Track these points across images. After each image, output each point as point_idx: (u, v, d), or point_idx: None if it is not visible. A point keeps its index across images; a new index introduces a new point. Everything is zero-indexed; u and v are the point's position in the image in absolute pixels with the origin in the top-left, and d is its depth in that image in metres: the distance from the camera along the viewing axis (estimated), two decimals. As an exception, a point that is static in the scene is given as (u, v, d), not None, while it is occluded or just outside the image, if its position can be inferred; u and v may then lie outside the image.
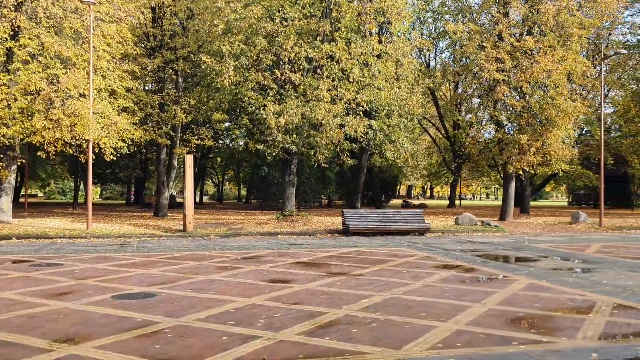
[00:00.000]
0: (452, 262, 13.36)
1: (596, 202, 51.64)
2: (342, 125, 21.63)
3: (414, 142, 27.20)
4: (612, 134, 42.02)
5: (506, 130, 25.86)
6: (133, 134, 22.71)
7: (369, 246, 16.81)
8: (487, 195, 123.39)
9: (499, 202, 79.35)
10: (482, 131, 29.83)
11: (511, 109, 25.16)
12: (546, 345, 6.36)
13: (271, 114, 20.74)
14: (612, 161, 39.48)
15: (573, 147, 26.29)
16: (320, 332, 6.74)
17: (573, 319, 7.63)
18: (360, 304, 8.44)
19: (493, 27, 25.97)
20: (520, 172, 26.21)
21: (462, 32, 25.19)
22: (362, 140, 22.77)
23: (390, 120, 23.15)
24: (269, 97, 21.65)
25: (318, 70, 21.66)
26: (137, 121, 23.79)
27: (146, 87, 29.52)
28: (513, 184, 27.80)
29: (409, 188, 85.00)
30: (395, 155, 24.44)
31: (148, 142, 27.83)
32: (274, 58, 22.19)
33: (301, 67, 21.67)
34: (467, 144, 33.46)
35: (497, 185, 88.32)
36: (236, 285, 9.93)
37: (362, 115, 22.11)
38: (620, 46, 33.09)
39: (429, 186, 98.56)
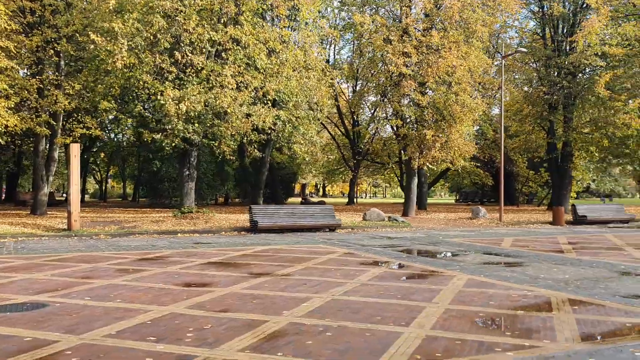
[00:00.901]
0: (377, 258, 12.48)
1: (482, 199, 53.97)
2: (248, 115, 20.19)
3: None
4: (498, 134, 43.79)
5: (410, 126, 25.68)
6: (7, 121, 19.86)
7: (284, 243, 15.58)
8: (375, 194, 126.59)
9: (391, 200, 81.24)
10: (386, 127, 29.55)
11: (416, 104, 24.99)
12: (534, 350, 5.50)
13: (170, 100, 18.87)
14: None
15: (476, 143, 26.74)
16: (268, 347, 5.44)
17: (540, 318, 6.89)
18: (302, 308, 7.21)
19: (399, 21, 25.72)
20: (425, 168, 26.20)
21: (369, 24, 24.65)
22: (269, 132, 21.47)
23: (297, 112, 22.03)
24: (167, 82, 19.72)
25: (223, 54, 20.04)
26: (11, 107, 20.87)
27: (22, 70, 26.28)
28: (416, 180, 27.78)
29: (303, 186, 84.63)
30: (304, 148, 23.38)
31: (24, 131, 24.62)
32: (172, 40, 20.29)
33: (204, 50, 19.95)
34: (367, 140, 33.17)
35: (386, 184, 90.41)
36: (145, 290, 8.31)
37: (270, 105, 20.82)
38: (510, 49, 34.26)
39: (321, 184, 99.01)
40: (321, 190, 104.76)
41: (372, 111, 37.70)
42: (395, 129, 28.30)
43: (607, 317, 6.94)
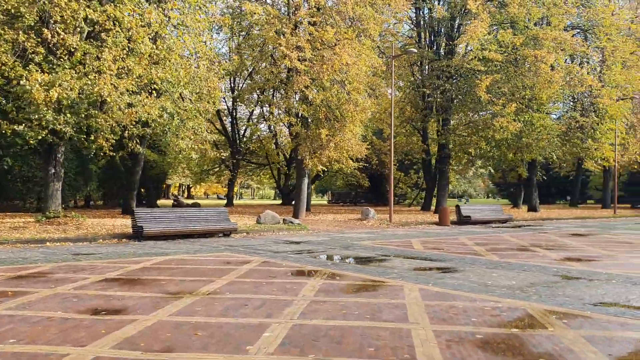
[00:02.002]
0: (302, 267, 11.13)
1: (354, 200, 54.52)
2: (130, 105, 17.75)
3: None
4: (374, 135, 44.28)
5: (303, 125, 24.49)
6: None
7: (183, 252, 13.63)
8: (241, 195, 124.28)
9: (259, 201, 79.73)
10: (278, 125, 28.13)
11: (309, 102, 23.92)
12: (589, 385, 4.53)
13: (37, 86, 15.98)
14: (376, 161, 41.55)
15: (368, 144, 26.36)
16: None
17: (543, 337, 6.01)
18: (266, 340, 5.70)
19: (292, 13, 24.51)
20: (319, 168, 25.23)
21: (259, 14, 23.15)
22: (154, 125, 19.13)
23: (185, 104, 19.83)
24: (32, 65, 16.74)
25: (103, 35, 17.41)
26: None
27: None
28: (306, 181, 26.74)
29: (168, 187, 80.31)
30: (191, 144, 21.21)
31: None
32: (37, 18, 17.31)
33: (79, 29, 17.23)
34: (249, 139, 31.54)
35: (257, 185, 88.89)
36: (44, 323, 6.26)
37: (156, 94, 18.52)
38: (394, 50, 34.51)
39: (186, 186, 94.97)
40: (186, 191, 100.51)
41: (253, 109, 36.22)
42: (269, 128, 26.94)
43: (609, 332, 6.24)
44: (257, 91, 28.92)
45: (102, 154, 19.84)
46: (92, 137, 18.24)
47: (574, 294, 8.49)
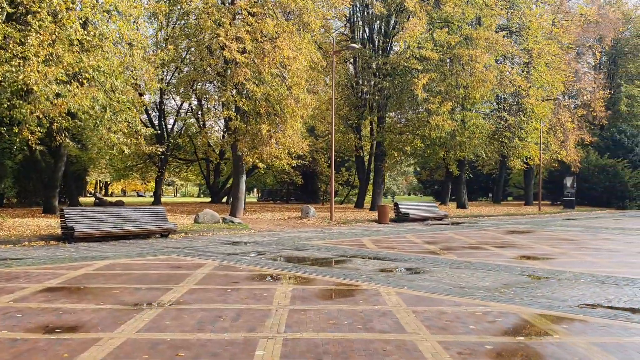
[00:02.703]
0: (262, 271, 10.41)
1: (285, 198, 53.79)
2: (59, 95, 16.20)
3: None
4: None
5: (241, 120, 23.44)
6: None
7: (124, 256, 12.48)
8: (162, 192, 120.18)
9: (181, 199, 77.37)
10: (210, 120, 26.94)
11: (248, 96, 22.98)
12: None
13: (-48, 71, 14.26)
14: (310, 158, 41.07)
15: (309, 140, 25.80)
16: None
17: (556, 345, 5.70)
18: (260, 359, 5.00)
19: (231, 3, 23.49)
20: (260, 165, 24.33)
21: (197, 2, 21.97)
22: (84, 118, 17.59)
23: (117, 95, 18.36)
24: (-55, 48, 14.94)
25: (30, 17, 15.77)
26: None
27: None
28: (244, 178, 25.78)
29: (85, 184, 76.17)
30: (122, 138, 19.70)
31: None
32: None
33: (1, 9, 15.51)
34: (177, 134, 30.11)
35: (181, 182, 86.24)
36: (-12, 349, 5.24)
37: (87, 84, 17.03)
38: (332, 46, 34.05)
39: (103, 183, 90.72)
40: (103, 188, 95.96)
41: (183, 101, 34.77)
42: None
43: (617, 338, 6.02)
44: (188, 84, 27.53)
45: (23, 148, 18.11)
46: (16, 130, 16.55)
47: (553, 295, 8.29)
